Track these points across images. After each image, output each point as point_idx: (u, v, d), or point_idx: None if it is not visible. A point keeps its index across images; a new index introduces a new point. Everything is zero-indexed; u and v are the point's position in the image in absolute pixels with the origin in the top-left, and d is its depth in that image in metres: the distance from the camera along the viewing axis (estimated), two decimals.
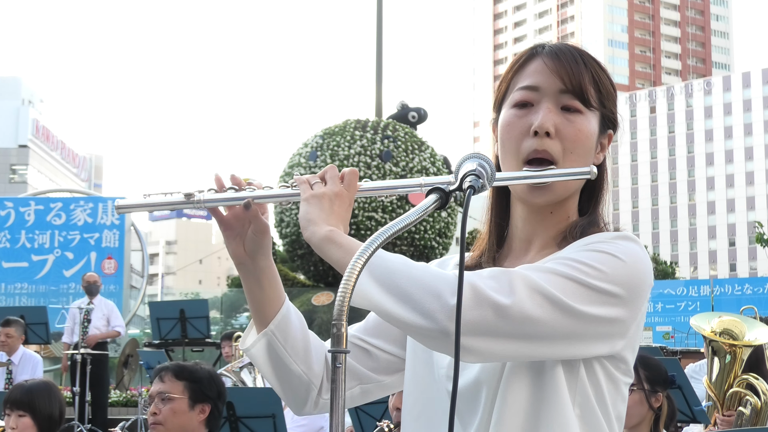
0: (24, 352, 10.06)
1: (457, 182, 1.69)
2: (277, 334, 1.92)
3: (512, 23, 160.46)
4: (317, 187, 1.81)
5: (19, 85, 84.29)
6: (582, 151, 1.87)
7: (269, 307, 1.94)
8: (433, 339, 1.65)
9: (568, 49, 1.91)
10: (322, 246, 1.73)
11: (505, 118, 1.91)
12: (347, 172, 1.85)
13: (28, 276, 20.38)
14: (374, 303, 1.65)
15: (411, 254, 18.80)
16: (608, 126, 1.95)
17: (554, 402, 1.75)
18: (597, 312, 1.71)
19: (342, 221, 1.79)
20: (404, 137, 19.58)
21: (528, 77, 1.90)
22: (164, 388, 4.10)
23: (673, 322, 25.19)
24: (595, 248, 1.77)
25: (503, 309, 1.63)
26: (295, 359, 1.93)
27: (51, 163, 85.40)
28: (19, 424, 4.66)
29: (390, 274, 1.66)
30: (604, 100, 1.91)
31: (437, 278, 1.66)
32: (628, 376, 1.86)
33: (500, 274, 1.68)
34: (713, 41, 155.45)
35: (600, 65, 1.92)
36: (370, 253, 1.53)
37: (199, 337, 13.86)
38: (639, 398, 4.56)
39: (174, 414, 4.05)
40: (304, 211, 1.78)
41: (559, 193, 1.88)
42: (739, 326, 6.01)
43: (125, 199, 1.91)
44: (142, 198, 1.87)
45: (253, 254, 1.93)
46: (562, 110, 1.86)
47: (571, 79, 1.86)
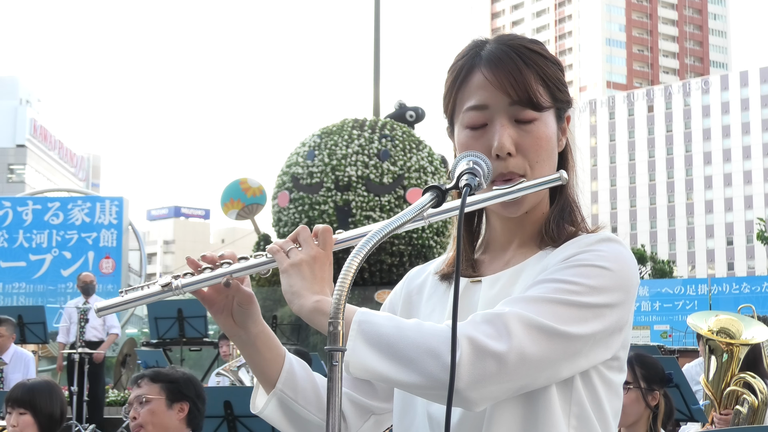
0: (15, 351, 10.01)
1: (454, 181, 1.69)
2: (287, 391, 1.92)
3: (510, 22, 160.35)
4: (293, 255, 1.76)
5: (17, 85, 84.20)
6: (546, 157, 1.85)
7: (271, 369, 1.93)
8: (440, 397, 1.63)
9: (505, 52, 1.84)
10: (312, 319, 1.71)
11: (462, 140, 1.87)
12: (320, 231, 1.79)
13: (26, 275, 20.38)
14: (374, 371, 1.64)
15: (409, 254, 18.79)
16: (564, 111, 1.92)
17: (546, 422, 1.74)
18: (593, 328, 1.71)
19: (327, 284, 1.76)
20: (402, 136, 19.57)
21: (473, 95, 1.85)
22: (141, 392, 4.16)
23: (670, 321, 25.19)
24: (578, 262, 1.75)
25: (503, 356, 1.62)
26: (310, 409, 1.93)
27: (49, 163, 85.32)
28: (20, 422, 4.68)
29: (384, 339, 1.64)
30: (555, 93, 1.87)
31: (432, 336, 1.64)
32: (621, 372, 1.85)
33: (494, 319, 1.66)
34: (711, 40, 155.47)
35: (541, 54, 1.87)
36: (368, 251, 1.53)
37: (197, 336, 13.86)
38: (636, 396, 4.56)
39: (153, 414, 4.10)
40: (287, 284, 1.74)
41: (532, 202, 1.87)
42: (736, 325, 6.01)
43: (103, 301, 1.89)
44: (120, 297, 1.84)
45: (243, 324, 1.91)
46: (517, 122, 1.83)
47: (516, 90, 1.81)
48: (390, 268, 18.67)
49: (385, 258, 18.55)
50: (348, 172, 18.79)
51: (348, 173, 18.78)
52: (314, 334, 16.94)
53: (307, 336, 16.92)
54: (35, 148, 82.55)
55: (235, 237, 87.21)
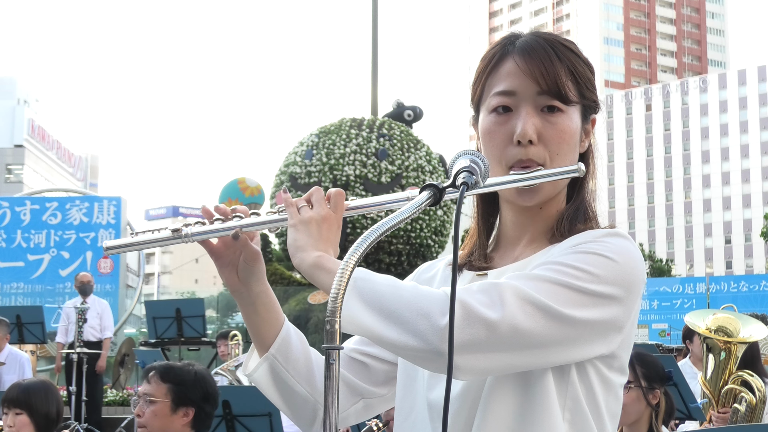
0: (10, 351, 10.02)
1: (451, 179, 1.68)
2: (279, 357, 1.92)
3: (508, 21, 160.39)
4: (304, 212, 1.79)
5: (15, 85, 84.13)
6: (567, 151, 1.85)
7: (268, 332, 1.94)
8: (426, 360, 1.64)
9: (539, 44, 1.85)
10: (311, 272, 1.72)
11: (485, 125, 1.88)
12: (333, 194, 1.82)
13: (24, 275, 20.38)
14: (364, 327, 1.63)
15: (407, 252, 18.81)
16: (590, 112, 1.93)
17: (542, 409, 1.73)
18: (590, 315, 1.69)
19: (332, 245, 1.77)
20: (400, 135, 19.58)
21: (502, 81, 1.86)
22: (149, 390, 4.12)
23: (668, 320, 25.19)
24: (584, 249, 1.74)
25: (494, 324, 1.61)
26: (299, 380, 1.93)
27: (47, 163, 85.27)
28: (17, 422, 4.68)
29: (379, 296, 1.64)
30: (583, 91, 1.88)
31: (426, 298, 1.64)
32: (621, 373, 1.83)
33: (490, 288, 1.66)
34: (709, 39, 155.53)
35: (574, 52, 1.88)
36: (364, 250, 1.52)
37: (195, 336, 13.85)
38: (636, 395, 4.57)
39: (155, 417, 4.07)
40: (292, 238, 1.76)
41: (547, 193, 1.87)
42: (734, 323, 6.01)
43: (113, 240, 1.89)
44: (129, 237, 1.86)
45: (246, 281, 1.92)
46: (542, 112, 1.84)
47: (546, 79, 1.82)
48: (388, 267, 18.68)
49: (384, 257, 18.56)
50: (346, 172, 18.79)
51: (346, 172, 18.78)
52: (313, 333, 16.96)
53: (305, 335, 16.92)
54: (33, 148, 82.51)
55: None
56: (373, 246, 1.54)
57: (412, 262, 18.92)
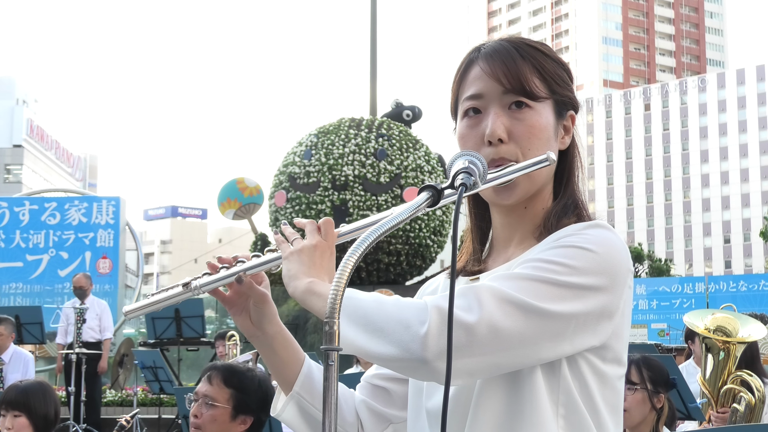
0: (15, 350, 10.05)
1: (449, 180, 1.69)
2: (304, 394, 1.96)
3: (506, 21, 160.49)
4: (296, 243, 1.82)
5: (14, 85, 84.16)
6: (538, 146, 1.85)
7: (290, 371, 1.98)
8: (413, 369, 1.66)
9: (503, 46, 1.89)
10: (303, 298, 1.75)
11: (459, 130, 1.92)
12: (322, 223, 1.86)
13: (23, 276, 20.37)
14: (352, 343, 1.65)
15: (406, 252, 18.80)
16: (566, 109, 1.93)
17: (532, 407, 1.74)
18: (572, 308, 1.69)
19: (325, 271, 1.80)
20: (399, 136, 19.58)
21: (470, 86, 1.90)
22: (211, 392, 3.96)
23: (668, 320, 25.19)
24: (563, 243, 1.75)
25: (471, 327, 1.62)
26: None
27: (45, 163, 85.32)
28: (15, 424, 4.68)
29: (363, 312, 1.66)
30: (553, 86, 1.89)
31: (406, 309, 1.66)
32: (617, 365, 1.82)
33: (466, 291, 1.67)
34: (707, 38, 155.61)
35: (543, 51, 1.91)
36: (363, 250, 1.53)
37: (194, 336, 13.86)
38: (642, 398, 4.59)
39: (214, 422, 3.94)
40: (285, 269, 1.80)
41: (526, 189, 1.87)
42: (733, 323, 6.01)
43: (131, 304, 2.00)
44: (146, 299, 1.94)
45: (259, 324, 1.97)
46: (511, 109, 1.86)
47: (509, 78, 1.85)
48: (387, 267, 18.68)
49: (383, 257, 18.56)
50: (345, 172, 18.79)
51: (345, 172, 18.78)
52: (311, 333, 16.95)
53: (304, 336, 16.94)
54: (32, 148, 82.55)
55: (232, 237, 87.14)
56: (371, 246, 1.54)
57: (411, 262, 18.93)
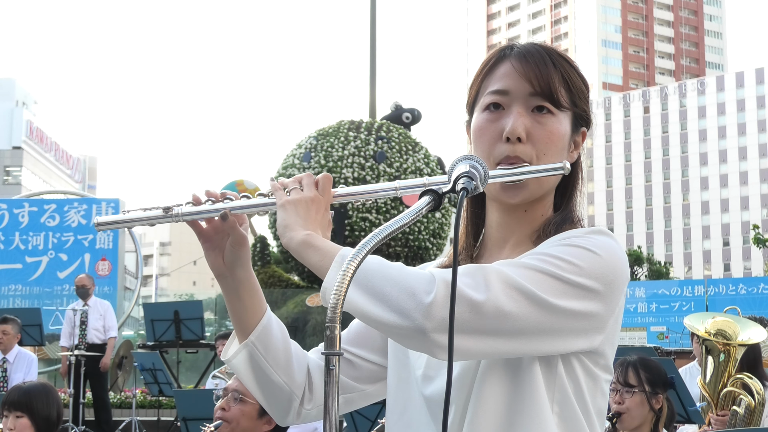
0: (19, 351, 10.10)
1: (451, 184, 1.69)
2: (258, 345, 1.93)
3: (506, 24, 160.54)
4: (293, 193, 1.82)
5: (13, 87, 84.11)
6: (554, 152, 1.87)
7: (250, 319, 1.95)
8: (409, 338, 1.65)
9: (537, 49, 1.91)
10: (299, 251, 1.75)
11: (477, 122, 1.91)
12: (321, 178, 1.86)
13: (22, 278, 20.34)
14: (351, 303, 1.65)
15: (405, 255, 18.81)
16: (581, 124, 1.95)
17: (531, 400, 1.75)
18: (573, 306, 1.71)
19: (320, 226, 1.80)
20: (398, 138, 19.59)
21: (497, 81, 1.90)
22: (241, 387, 4.00)
23: (667, 323, 25.20)
24: (570, 243, 1.77)
25: (478, 305, 1.63)
26: (277, 370, 1.94)
27: (45, 165, 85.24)
28: (17, 425, 4.69)
29: (366, 274, 1.66)
30: (576, 99, 1.91)
31: (412, 276, 1.66)
32: (607, 371, 1.85)
33: (475, 271, 1.68)
34: (706, 41, 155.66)
35: (570, 63, 1.92)
36: (364, 255, 1.53)
37: (194, 338, 13.86)
38: (640, 400, 4.59)
39: (243, 416, 3.97)
40: (281, 218, 1.79)
41: (533, 192, 1.89)
42: (733, 327, 6.02)
43: (104, 216, 1.95)
44: (121, 214, 1.90)
45: (231, 266, 1.94)
46: (533, 112, 1.87)
47: (540, 81, 1.86)
48: None
49: None
50: (344, 174, 18.80)
51: (344, 175, 18.79)
52: (311, 335, 16.95)
53: (303, 338, 16.94)
54: (31, 150, 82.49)
55: None
56: (373, 250, 1.54)
57: (410, 265, 18.93)
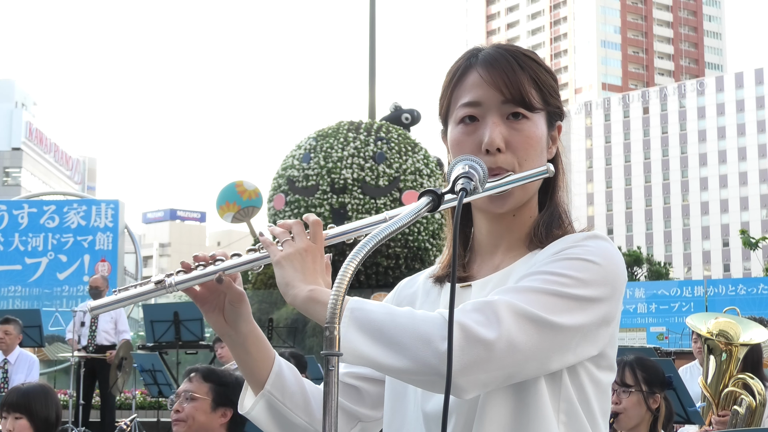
0: (21, 352, 10.13)
1: (450, 185, 1.69)
2: (275, 393, 1.93)
3: (505, 24, 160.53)
4: (285, 246, 1.79)
5: (13, 88, 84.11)
6: (534, 156, 1.88)
7: (261, 370, 1.94)
8: (430, 383, 1.66)
9: (501, 54, 1.89)
10: (306, 308, 1.72)
11: (454, 136, 1.91)
12: (311, 224, 1.82)
13: (22, 279, 20.35)
14: (365, 356, 1.64)
15: (405, 256, 18.80)
16: (555, 119, 1.96)
17: (537, 413, 1.76)
18: (580, 320, 1.72)
19: (319, 275, 1.78)
20: (397, 139, 19.59)
21: (467, 93, 1.89)
22: (190, 387, 4.19)
23: (666, 323, 25.23)
24: (567, 255, 1.78)
25: (492, 343, 1.63)
26: (297, 412, 1.94)
27: (44, 166, 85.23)
28: (16, 426, 4.69)
29: (376, 324, 1.65)
30: (547, 98, 1.91)
31: (425, 323, 1.65)
32: (610, 371, 1.87)
33: (484, 307, 1.68)
34: (706, 42, 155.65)
35: (536, 61, 1.92)
36: (364, 255, 1.53)
37: (193, 339, 13.85)
38: (637, 400, 4.59)
39: (195, 412, 4.14)
40: (279, 276, 1.76)
41: (519, 199, 1.89)
42: (735, 327, 6.02)
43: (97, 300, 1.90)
44: (114, 295, 1.87)
45: (234, 323, 1.93)
46: (508, 119, 1.87)
47: (510, 88, 1.85)
48: (386, 271, 18.68)
49: (381, 261, 18.56)
50: (344, 175, 18.79)
51: (344, 176, 18.79)
52: (310, 336, 16.94)
53: (303, 339, 16.93)
54: (31, 151, 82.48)
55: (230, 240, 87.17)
56: (372, 251, 1.54)
57: (410, 266, 18.92)
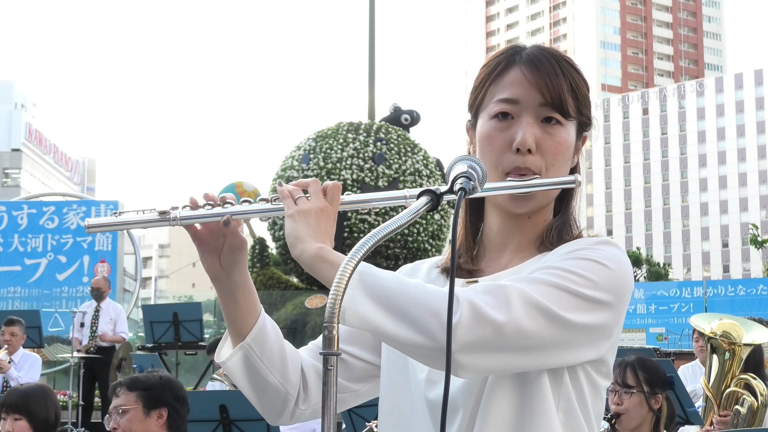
0: (24, 353, 10.21)
1: (449, 184, 1.69)
2: (254, 347, 1.91)
3: (504, 25, 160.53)
4: (301, 203, 1.77)
5: (12, 89, 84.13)
6: (562, 163, 1.89)
7: (245, 321, 1.92)
8: (432, 357, 1.65)
9: (546, 57, 1.89)
10: (313, 264, 1.71)
11: (485, 130, 1.90)
12: (330, 186, 1.81)
13: (21, 280, 20.34)
14: (371, 322, 1.63)
15: (404, 257, 18.80)
16: (584, 129, 1.97)
17: (539, 409, 1.77)
18: (587, 320, 1.73)
19: (329, 237, 1.77)
20: (397, 140, 19.59)
21: (507, 89, 1.89)
22: (118, 402, 4.20)
23: (666, 324, 25.22)
24: (581, 256, 1.78)
25: (501, 326, 1.63)
26: (272, 371, 1.92)
27: (44, 167, 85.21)
28: (16, 427, 4.69)
29: (385, 291, 1.64)
30: (581, 107, 1.92)
31: (435, 296, 1.65)
32: (607, 378, 1.88)
33: (496, 290, 1.68)
34: (705, 43, 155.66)
35: (576, 70, 1.92)
36: (362, 255, 1.52)
37: (193, 340, 13.85)
38: (639, 400, 4.59)
39: (131, 424, 4.14)
40: (291, 228, 1.74)
41: (540, 202, 1.90)
42: (738, 329, 6.03)
43: (96, 218, 1.85)
44: (113, 216, 1.83)
45: (228, 269, 1.91)
46: (542, 123, 1.87)
47: (551, 92, 1.85)
48: None
49: (381, 261, 18.56)
50: (343, 176, 18.80)
51: (343, 176, 18.79)
52: (310, 337, 16.93)
53: (303, 339, 16.93)
54: (30, 152, 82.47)
55: None
56: (370, 251, 1.54)
57: None
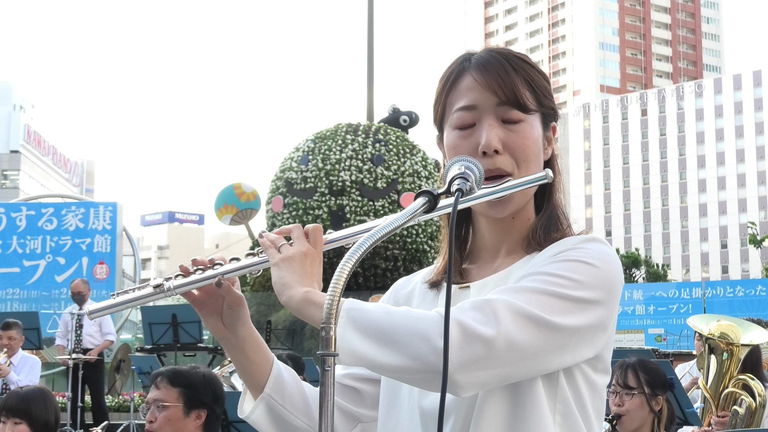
0: (23, 355, 10.20)
1: (446, 185, 1.70)
2: (274, 396, 1.92)
3: (503, 26, 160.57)
4: (284, 250, 1.78)
5: (11, 91, 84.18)
6: (532, 157, 1.89)
7: (260, 373, 1.94)
8: (427, 381, 1.65)
9: (494, 57, 1.90)
10: (300, 308, 1.72)
11: (451, 140, 1.91)
12: (311, 229, 1.81)
13: (20, 281, 20.34)
14: (361, 355, 1.64)
15: (403, 258, 18.80)
16: (550, 120, 1.97)
17: (534, 414, 1.76)
18: (579, 321, 1.73)
19: (316, 279, 1.77)
20: (396, 141, 19.59)
21: (462, 96, 1.90)
22: (159, 395, 4.08)
23: (665, 325, 25.21)
24: (565, 257, 1.79)
25: (491, 341, 1.64)
26: (297, 415, 1.94)
27: (42, 169, 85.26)
28: (15, 430, 4.67)
29: (373, 324, 1.64)
30: (541, 99, 1.92)
31: (421, 320, 1.65)
32: (605, 374, 1.88)
33: (482, 305, 1.68)
34: (704, 44, 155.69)
35: (529, 63, 1.93)
36: (360, 256, 1.53)
37: (192, 341, 13.85)
38: (640, 402, 4.60)
39: (169, 422, 4.04)
40: (277, 276, 1.75)
41: (518, 203, 1.90)
42: (736, 330, 6.03)
43: (95, 304, 1.89)
44: (112, 299, 1.86)
45: (232, 327, 1.92)
46: (504, 122, 1.88)
47: (504, 90, 1.86)
48: (384, 273, 18.67)
49: (380, 262, 18.55)
50: (342, 177, 18.80)
51: (342, 178, 18.79)
52: (308, 338, 16.93)
53: (301, 341, 16.92)
54: (29, 153, 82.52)
55: (229, 242, 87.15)
56: (368, 252, 1.54)
57: (408, 268, 18.93)
